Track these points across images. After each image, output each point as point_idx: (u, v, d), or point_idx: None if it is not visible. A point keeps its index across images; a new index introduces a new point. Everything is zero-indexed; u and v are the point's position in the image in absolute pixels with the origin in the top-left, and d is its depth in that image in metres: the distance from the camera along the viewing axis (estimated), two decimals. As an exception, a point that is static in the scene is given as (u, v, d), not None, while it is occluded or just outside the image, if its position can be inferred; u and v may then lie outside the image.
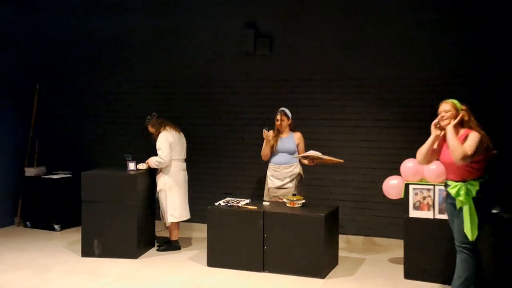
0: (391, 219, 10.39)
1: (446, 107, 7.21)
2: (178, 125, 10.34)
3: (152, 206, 10.31)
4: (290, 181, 9.67)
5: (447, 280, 8.21)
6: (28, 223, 12.08)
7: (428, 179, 8.55)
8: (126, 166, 10.09)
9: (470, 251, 7.16)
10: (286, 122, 9.68)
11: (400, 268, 8.83)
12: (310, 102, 10.98)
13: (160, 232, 11.00)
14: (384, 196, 9.31)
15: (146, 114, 10.32)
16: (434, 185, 8.41)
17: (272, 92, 11.24)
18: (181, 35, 11.95)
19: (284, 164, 9.68)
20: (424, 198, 8.48)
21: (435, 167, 8.47)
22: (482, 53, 9.92)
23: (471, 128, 7.10)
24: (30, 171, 12.20)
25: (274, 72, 11.23)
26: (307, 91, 11.01)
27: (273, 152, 9.72)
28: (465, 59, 10.02)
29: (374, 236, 10.69)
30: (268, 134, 9.69)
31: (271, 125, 9.80)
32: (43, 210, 11.86)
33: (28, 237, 11.26)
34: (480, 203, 7.01)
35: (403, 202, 8.72)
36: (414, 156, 8.82)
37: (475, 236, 7.03)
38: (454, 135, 6.99)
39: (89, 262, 9.48)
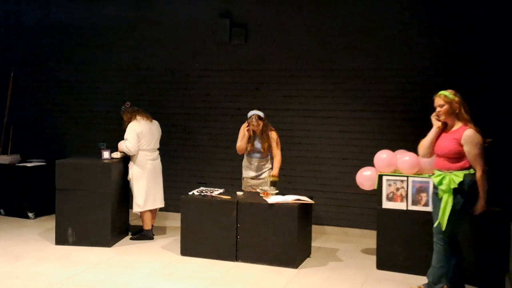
0: (364, 210, 10.45)
1: (440, 102, 7.31)
2: (153, 114, 10.30)
3: (126, 195, 10.30)
4: (263, 173, 9.73)
5: (419, 271, 8.29)
6: (1, 210, 12.00)
7: (402, 170, 8.60)
8: (100, 155, 10.07)
9: (445, 243, 7.25)
10: (262, 124, 9.64)
11: (373, 259, 8.90)
12: (284, 92, 11.01)
13: (134, 221, 10.99)
14: (358, 187, 9.34)
15: (120, 102, 10.31)
16: (407, 177, 8.45)
17: (247, 82, 11.26)
18: (156, 23, 11.92)
19: (256, 158, 9.73)
20: (398, 189, 8.52)
21: (408, 158, 8.54)
22: (457, 44, 9.99)
23: (464, 122, 7.21)
24: (4, 159, 12.13)
25: (249, 61, 11.24)
26: (282, 81, 11.04)
27: (251, 150, 9.74)
28: (440, 50, 10.08)
29: (347, 227, 10.74)
30: (246, 131, 9.68)
31: (246, 116, 9.79)
32: (17, 198, 11.80)
33: (2, 224, 11.19)
34: (459, 194, 7.10)
35: (377, 193, 8.76)
36: (387, 147, 8.97)
37: (444, 226, 7.12)
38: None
39: (62, 250, 9.46)
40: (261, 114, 9.62)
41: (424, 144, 7.56)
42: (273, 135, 9.68)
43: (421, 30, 10.18)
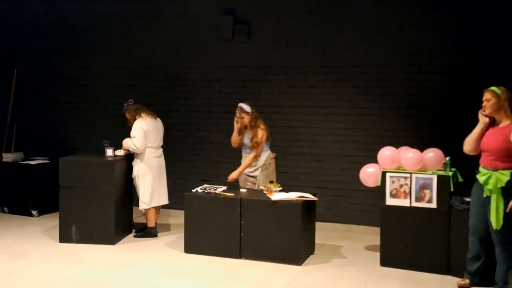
0: (367, 206, 10.43)
1: (487, 96, 7.37)
2: (156, 112, 10.31)
3: (129, 192, 10.31)
4: (255, 170, 9.72)
5: (422, 268, 8.30)
6: (5, 208, 12.01)
7: (405, 167, 8.59)
8: (104, 152, 10.07)
9: (506, 241, 7.29)
10: (247, 118, 9.63)
11: (376, 256, 8.88)
12: (288, 90, 10.99)
13: (138, 218, 11.00)
14: (361, 184, 9.33)
15: (123, 100, 10.29)
16: (411, 173, 8.44)
17: (250, 79, 11.25)
18: (159, 21, 11.90)
19: (246, 154, 9.77)
20: (401, 186, 8.50)
21: (412, 155, 8.53)
22: (461, 41, 9.96)
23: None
24: (7, 157, 12.13)
25: (252, 59, 11.22)
26: (285, 78, 11.02)
27: (242, 145, 9.80)
28: (444, 47, 10.06)
29: (351, 224, 10.73)
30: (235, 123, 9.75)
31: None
32: (20, 195, 11.81)
33: (5, 222, 11.21)
34: (508, 193, 7.13)
35: (380, 190, 8.74)
36: (390, 144, 8.95)
37: (499, 225, 7.16)
38: None
39: (66, 248, 9.47)
40: (245, 107, 9.61)
41: (469, 139, 7.58)
42: (259, 132, 9.59)
43: (424, 28, 10.16)
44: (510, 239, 7.27)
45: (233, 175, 9.69)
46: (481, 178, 7.32)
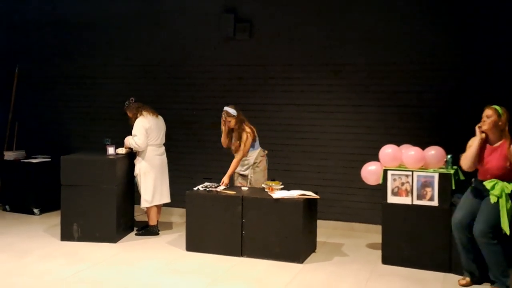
0: (369, 204, 10.42)
1: (489, 112, 7.46)
2: (157, 110, 10.30)
3: (131, 191, 10.32)
4: (246, 169, 9.71)
5: (424, 265, 8.30)
6: (7, 206, 12.02)
7: (407, 165, 8.59)
8: (105, 151, 10.07)
9: (493, 239, 7.37)
10: (233, 121, 9.58)
11: (378, 254, 8.89)
12: (289, 88, 10.98)
13: (139, 216, 11.00)
14: (363, 182, 9.32)
15: (125, 98, 10.28)
16: (412, 171, 8.44)
17: (251, 77, 11.24)
18: (160, 19, 11.89)
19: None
20: (403, 184, 8.50)
21: (413, 153, 8.53)
22: (461, 39, 9.95)
23: (507, 139, 7.45)
24: (9, 155, 12.13)
25: (254, 57, 11.21)
26: (287, 76, 11.01)
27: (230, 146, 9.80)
28: (445, 46, 10.04)
29: (352, 222, 10.72)
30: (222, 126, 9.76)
31: (251, 111, 9.80)
32: (22, 194, 11.81)
33: (7, 221, 11.22)
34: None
35: (382, 188, 8.74)
36: (392, 142, 8.95)
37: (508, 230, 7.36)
38: None
39: (68, 246, 9.48)
40: (230, 110, 9.55)
41: (468, 156, 7.65)
42: (243, 136, 9.54)
43: (425, 26, 10.14)
44: (494, 238, 7.36)
45: (225, 180, 9.64)
46: (488, 184, 7.40)
